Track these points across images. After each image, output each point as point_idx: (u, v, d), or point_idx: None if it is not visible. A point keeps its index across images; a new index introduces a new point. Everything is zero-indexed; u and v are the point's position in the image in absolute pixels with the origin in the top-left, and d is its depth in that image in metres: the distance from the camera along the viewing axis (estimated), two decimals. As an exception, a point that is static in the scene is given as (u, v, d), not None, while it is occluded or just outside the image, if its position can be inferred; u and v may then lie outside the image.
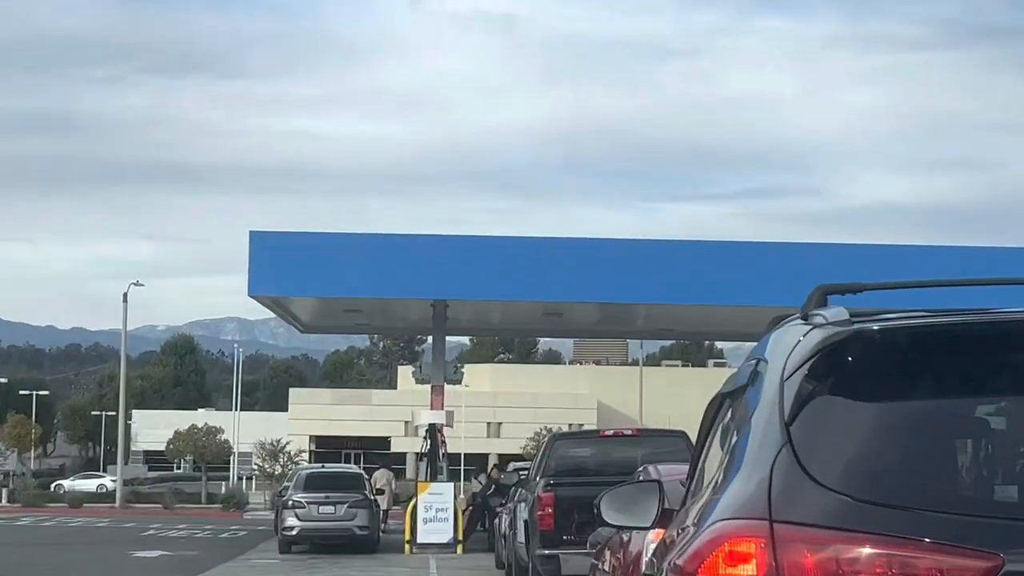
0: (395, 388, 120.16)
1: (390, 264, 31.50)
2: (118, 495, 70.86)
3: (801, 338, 4.24)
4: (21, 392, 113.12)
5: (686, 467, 6.53)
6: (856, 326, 4.14)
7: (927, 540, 3.66)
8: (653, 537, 8.46)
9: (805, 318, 4.44)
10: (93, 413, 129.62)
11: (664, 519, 5.55)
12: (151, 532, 43.34)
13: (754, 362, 4.61)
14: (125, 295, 70.82)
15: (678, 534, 4.58)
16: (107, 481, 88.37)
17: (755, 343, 4.92)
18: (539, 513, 18.29)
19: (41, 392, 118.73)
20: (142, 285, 74.52)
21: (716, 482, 4.40)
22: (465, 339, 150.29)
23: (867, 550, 3.68)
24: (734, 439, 4.43)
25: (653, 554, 5.38)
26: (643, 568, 7.08)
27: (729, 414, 4.89)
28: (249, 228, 32.00)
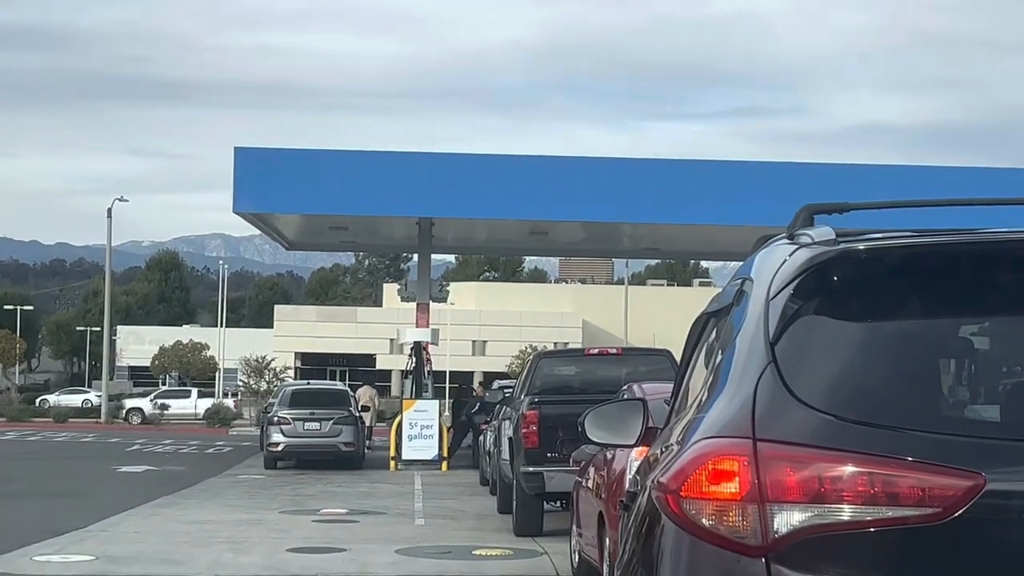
0: (380, 306, 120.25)
1: (375, 181, 31.39)
2: (103, 410, 71.04)
3: (787, 257, 4.23)
4: (5, 307, 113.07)
5: (670, 386, 6.55)
6: (842, 246, 4.13)
7: (909, 459, 3.67)
8: (637, 455, 8.52)
9: (791, 237, 4.44)
10: (78, 329, 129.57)
11: (648, 437, 5.57)
12: (136, 447, 43.49)
13: (739, 281, 4.61)
14: (109, 211, 70.63)
15: (662, 452, 4.60)
16: (92, 396, 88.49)
17: (741, 263, 4.92)
18: (523, 431, 18.35)
19: (25, 307, 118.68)
20: (127, 201, 74.46)
21: (700, 401, 4.41)
22: (451, 257, 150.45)
23: (849, 468, 3.69)
24: (718, 358, 4.43)
25: (637, 471, 5.41)
26: (627, 485, 7.13)
27: (714, 333, 4.89)
28: (234, 144, 31.91)
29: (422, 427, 33.21)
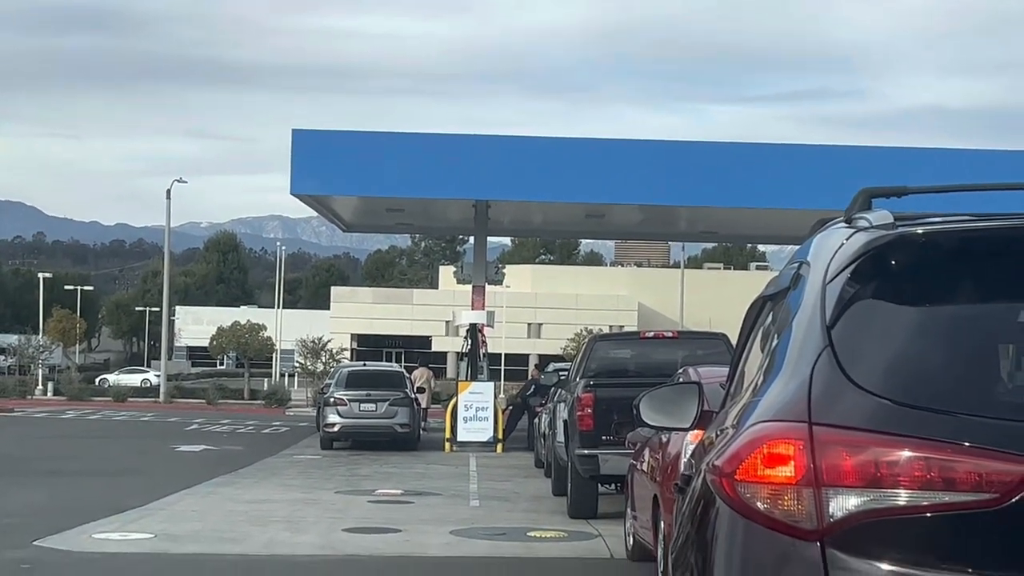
0: (436, 288, 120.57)
1: (432, 164, 31.43)
2: (162, 390, 71.57)
3: (844, 241, 4.21)
4: (66, 287, 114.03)
5: (726, 369, 6.54)
6: (900, 230, 4.11)
7: (966, 444, 3.66)
8: (692, 438, 8.50)
9: (849, 221, 4.42)
10: (137, 309, 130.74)
11: (703, 421, 5.57)
12: (194, 427, 43.80)
13: (796, 265, 4.59)
14: (168, 192, 71.03)
15: (717, 435, 4.59)
16: (151, 376, 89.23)
17: (798, 246, 4.90)
18: (578, 413, 18.34)
19: (86, 287, 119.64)
20: (185, 182, 74.73)
21: (756, 384, 4.40)
22: (507, 240, 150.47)
23: (906, 453, 3.68)
24: (775, 342, 4.42)
25: (691, 455, 5.40)
26: (681, 469, 7.12)
27: (770, 317, 4.88)
28: (292, 127, 32.01)
29: (477, 409, 33.26)
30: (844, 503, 3.70)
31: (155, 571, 13.49)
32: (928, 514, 3.65)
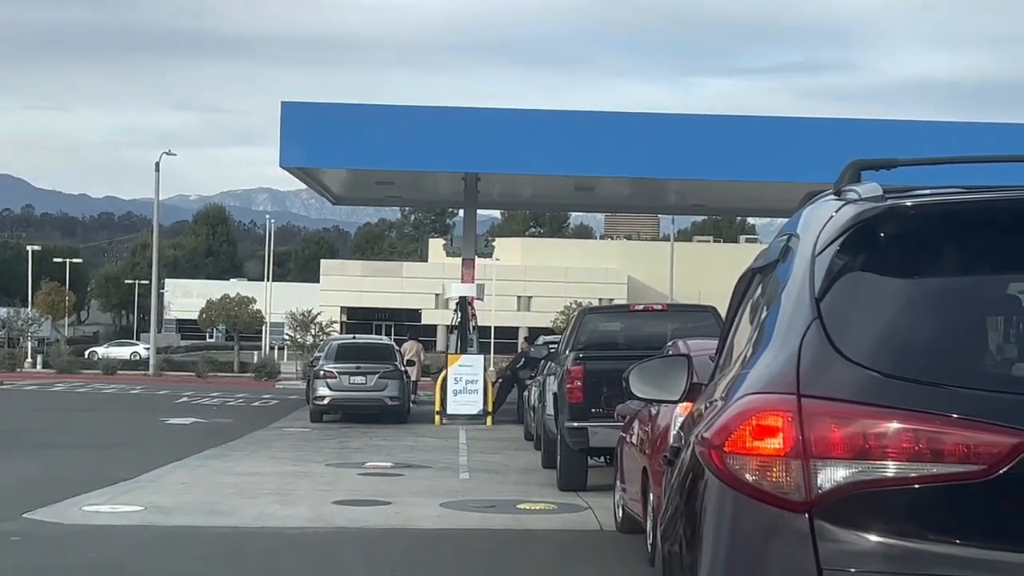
0: (426, 261, 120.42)
1: (422, 136, 31.36)
2: (151, 363, 71.55)
3: (834, 213, 4.21)
4: (55, 260, 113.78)
5: (715, 342, 6.54)
6: (889, 202, 4.11)
7: (955, 416, 3.66)
8: (681, 411, 8.52)
9: (838, 194, 4.42)
10: (126, 282, 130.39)
11: (692, 393, 5.58)
12: (184, 399, 43.82)
13: (785, 237, 4.59)
14: (157, 164, 70.88)
15: (706, 408, 4.60)
16: (140, 349, 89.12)
17: (787, 219, 4.90)
18: (568, 386, 18.35)
19: (74, 260, 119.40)
20: (174, 155, 74.72)
21: (744, 357, 4.40)
22: (496, 213, 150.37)
23: (894, 425, 3.69)
24: (764, 314, 4.42)
25: (680, 427, 5.42)
26: (671, 441, 7.14)
27: (759, 289, 4.88)
28: (282, 99, 31.89)
29: (467, 382, 33.29)
30: (832, 475, 3.71)
31: (144, 543, 13.51)
32: (916, 486, 3.66)
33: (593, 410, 17.88)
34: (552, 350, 25.47)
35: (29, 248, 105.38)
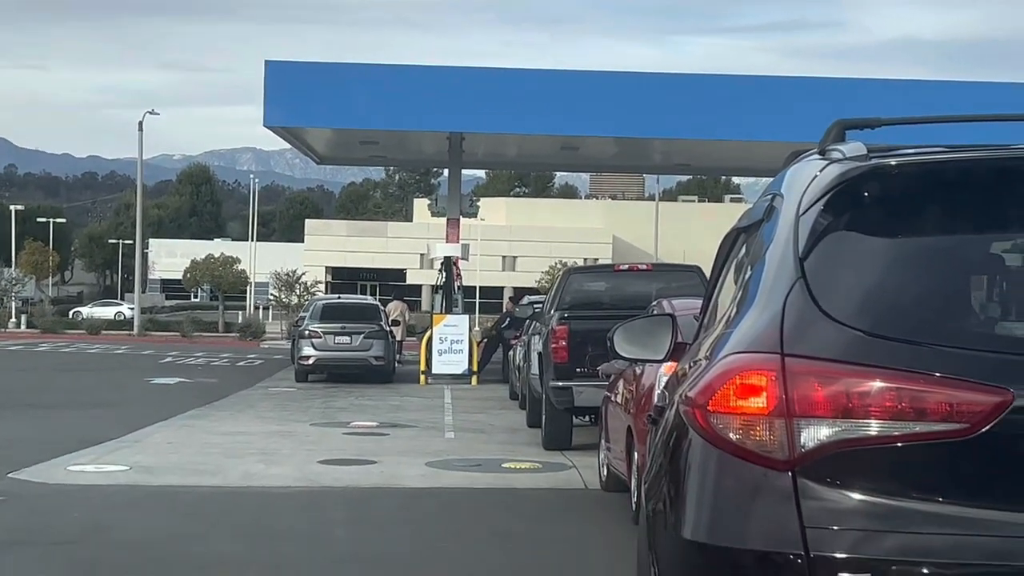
0: (410, 221, 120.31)
1: (406, 96, 31.26)
2: (136, 323, 71.43)
3: (818, 173, 4.21)
4: (38, 220, 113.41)
5: (700, 301, 6.55)
6: (873, 161, 4.11)
7: (938, 375, 3.68)
8: (665, 370, 8.52)
9: (822, 153, 4.41)
10: (110, 241, 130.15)
11: (677, 352, 5.58)
12: (169, 359, 43.79)
13: (770, 197, 4.59)
14: (140, 124, 70.47)
15: (690, 367, 4.61)
16: (125, 309, 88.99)
17: (772, 178, 4.90)
18: (553, 345, 18.37)
19: (58, 220, 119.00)
20: (157, 114, 74.23)
21: (729, 316, 4.40)
22: (481, 173, 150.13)
23: (878, 384, 3.70)
24: (748, 274, 4.43)
25: (665, 387, 5.43)
26: (655, 400, 7.16)
27: (744, 249, 4.88)
28: (266, 58, 31.77)
29: (452, 342, 33.30)
30: (815, 433, 3.72)
31: (130, 502, 13.53)
32: (899, 444, 3.68)
33: (578, 369, 17.91)
34: (537, 310, 25.49)
35: (12, 208, 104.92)
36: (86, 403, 26.21)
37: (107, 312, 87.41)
